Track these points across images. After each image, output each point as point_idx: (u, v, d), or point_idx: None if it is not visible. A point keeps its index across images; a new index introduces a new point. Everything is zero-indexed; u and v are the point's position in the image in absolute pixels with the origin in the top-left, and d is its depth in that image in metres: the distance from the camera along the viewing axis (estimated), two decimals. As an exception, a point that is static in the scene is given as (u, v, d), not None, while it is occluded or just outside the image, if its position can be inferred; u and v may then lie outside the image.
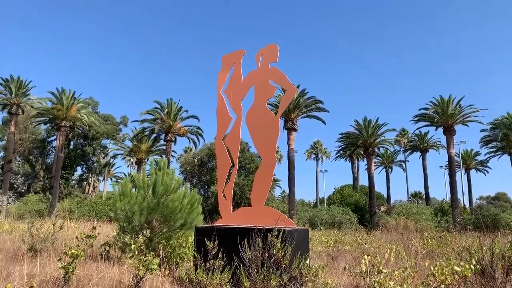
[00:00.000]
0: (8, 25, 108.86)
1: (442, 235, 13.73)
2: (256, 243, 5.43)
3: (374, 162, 47.20)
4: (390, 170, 63.98)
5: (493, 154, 49.54)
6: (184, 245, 7.76)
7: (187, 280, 5.45)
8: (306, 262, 5.47)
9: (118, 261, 8.05)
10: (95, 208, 33.30)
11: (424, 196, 56.76)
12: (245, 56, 8.09)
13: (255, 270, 5.21)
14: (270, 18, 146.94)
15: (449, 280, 5.04)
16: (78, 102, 40.26)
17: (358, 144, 41.10)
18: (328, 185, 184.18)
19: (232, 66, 8.15)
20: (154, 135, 43.28)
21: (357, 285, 6.36)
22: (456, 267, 5.12)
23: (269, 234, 5.44)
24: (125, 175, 62.15)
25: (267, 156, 7.05)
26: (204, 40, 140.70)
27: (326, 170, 69.52)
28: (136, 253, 6.64)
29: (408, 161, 62.46)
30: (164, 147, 43.63)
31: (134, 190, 8.97)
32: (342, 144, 46.29)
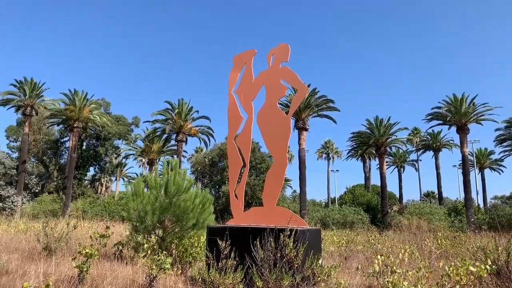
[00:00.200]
0: (13, 25, 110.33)
1: (456, 235, 13.55)
2: (268, 243, 5.43)
3: (386, 162, 46.81)
4: (402, 169, 63.41)
5: (508, 153, 48.80)
6: (196, 244, 7.79)
7: (200, 279, 5.47)
8: (319, 262, 5.45)
9: (131, 260, 8.11)
10: (108, 208, 33.65)
11: (437, 195, 56.08)
12: (255, 55, 8.10)
13: (268, 270, 5.21)
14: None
15: (464, 280, 4.97)
16: (91, 103, 40.68)
17: (370, 143, 40.77)
18: (339, 184, 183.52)
19: (243, 66, 8.15)
20: (165, 136, 43.51)
21: (370, 285, 6.32)
22: (471, 268, 5.05)
23: (281, 234, 5.43)
24: (137, 175, 62.69)
25: (279, 155, 7.04)
26: (211, 40, 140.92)
27: (337, 170, 68.87)
28: (149, 252, 6.69)
29: (420, 160, 61.90)
30: (175, 147, 43.86)
31: (146, 190, 9.03)
32: (354, 143, 45.97)
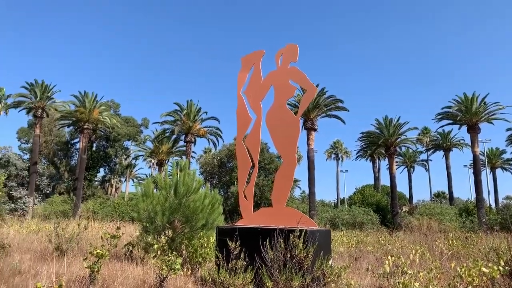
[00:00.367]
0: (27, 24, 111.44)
1: (467, 236, 13.40)
2: (278, 244, 5.42)
3: (396, 162, 46.48)
4: (412, 169, 62.99)
5: (520, 152, 48.10)
6: (205, 245, 7.81)
7: (210, 280, 5.48)
8: (329, 262, 5.43)
9: (141, 261, 8.16)
10: (118, 208, 33.89)
11: (447, 196, 55.57)
12: (264, 56, 8.10)
13: (277, 271, 5.20)
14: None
15: (476, 281, 4.92)
16: (100, 104, 41.05)
17: (379, 143, 40.56)
18: (348, 185, 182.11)
19: (251, 66, 8.16)
20: (174, 137, 43.71)
21: (380, 286, 6.27)
22: (483, 269, 5.00)
23: (291, 234, 5.42)
24: (146, 176, 63.01)
25: (288, 156, 7.03)
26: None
27: (346, 170, 68.51)
28: (158, 253, 6.72)
29: (431, 160, 61.44)
30: (184, 148, 44.06)
31: (156, 190, 9.08)
32: (363, 143, 45.77)
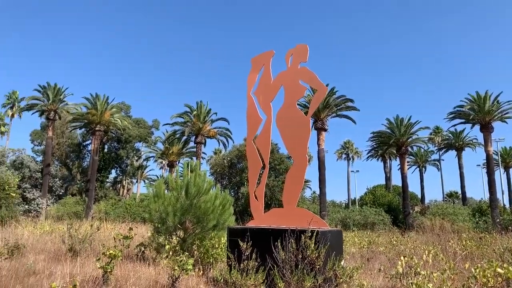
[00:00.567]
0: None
1: (481, 236, 13.21)
2: (289, 244, 5.41)
3: (407, 162, 46.06)
4: (424, 169, 62.32)
5: (534, 151, 47.28)
6: (217, 245, 7.83)
7: (222, 280, 5.50)
8: (341, 263, 5.40)
9: (153, 261, 8.21)
10: (129, 209, 34.14)
11: (460, 196, 54.86)
12: (273, 56, 8.10)
13: (289, 271, 5.19)
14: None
15: (491, 282, 4.85)
16: (112, 107, 41.41)
17: (390, 143, 40.21)
18: (359, 185, 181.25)
19: (261, 67, 8.16)
20: (185, 138, 43.92)
21: (393, 287, 6.21)
22: (498, 269, 4.93)
23: (302, 235, 5.41)
24: (157, 177, 63.41)
25: (299, 156, 7.01)
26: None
27: (357, 170, 68.26)
28: (170, 253, 6.75)
29: (443, 160, 60.70)
30: (194, 149, 44.27)
31: (167, 191, 9.14)
32: (374, 143, 45.42)
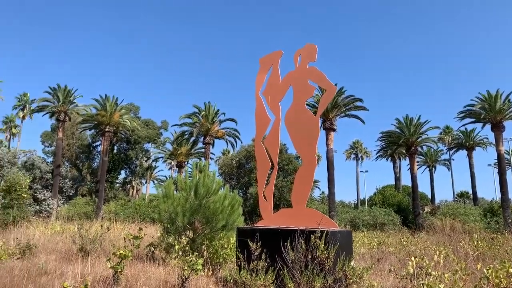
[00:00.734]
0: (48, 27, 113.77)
1: (493, 237, 13.05)
2: (299, 245, 5.40)
3: (417, 162, 45.69)
4: (434, 169, 61.77)
5: (547, 150, 46.57)
6: (226, 246, 7.84)
7: (232, 280, 5.50)
8: (351, 263, 5.37)
9: (163, 261, 8.24)
10: (139, 210, 34.32)
11: (471, 196, 54.25)
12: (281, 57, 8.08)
13: (299, 272, 5.18)
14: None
15: (504, 283, 4.79)
16: (121, 108, 41.73)
17: (400, 143, 39.92)
18: (369, 185, 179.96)
19: (269, 67, 8.15)
20: (193, 138, 44.11)
21: (403, 287, 6.17)
22: (511, 270, 4.86)
23: (312, 235, 5.39)
24: (166, 178, 63.69)
25: (308, 156, 6.98)
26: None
27: (366, 171, 67.89)
28: (180, 253, 6.78)
29: (453, 159, 60.08)
30: (203, 150, 44.43)
31: (176, 192, 9.17)
32: (383, 143, 45.16)
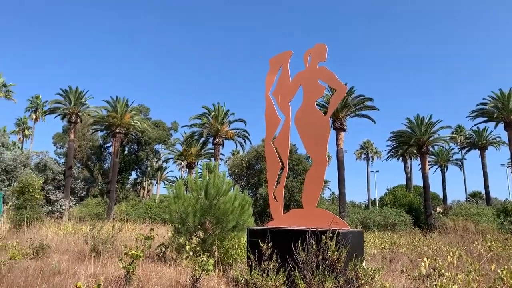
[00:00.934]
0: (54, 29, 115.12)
1: (507, 237, 12.86)
2: (310, 245, 5.38)
3: (428, 161, 45.25)
4: (445, 169, 61.14)
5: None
6: (236, 246, 7.85)
7: (243, 281, 5.50)
8: (362, 264, 5.34)
9: (174, 261, 8.28)
10: (149, 210, 34.57)
11: (484, 196, 53.55)
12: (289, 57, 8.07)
13: (310, 272, 5.16)
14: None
15: (519, 284, 4.71)
16: (131, 109, 42.06)
17: (411, 142, 39.60)
18: (379, 185, 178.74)
19: (279, 68, 8.14)
20: (203, 139, 44.29)
21: (416, 288, 6.11)
22: (527, 271, 4.79)
23: (323, 236, 5.37)
24: (176, 179, 64.05)
25: (318, 156, 6.95)
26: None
27: (377, 171, 67.74)
28: (191, 254, 6.80)
29: (465, 159, 59.39)
30: (212, 151, 44.62)
31: (187, 192, 9.21)
32: (394, 143, 44.84)
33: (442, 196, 58.87)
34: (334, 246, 5.20)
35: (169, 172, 72.11)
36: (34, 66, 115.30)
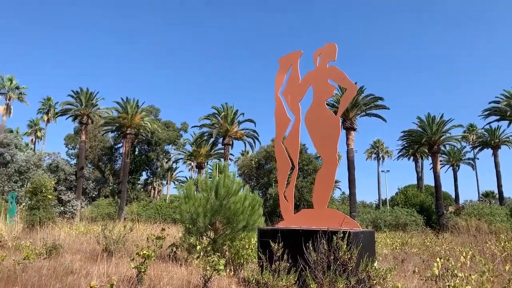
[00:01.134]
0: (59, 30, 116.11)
1: (521, 238, 12.66)
2: (321, 245, 5.36)
3: (440, 161, 44.78)
4: (457, 168, 60.46)
5: None
6: (247, 246, 7.85)
7: (254, 281, 5.50)
8: (374, 264, 5.30)
9: (185, 261, 8.32)
10: (160, 210, 34.77)
11: (497, 195, 52.80)
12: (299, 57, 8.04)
13: (321, 272, 5.14)
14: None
15: (534, 285, 4.64)
16: (142, 110, 42.36)
17: (422, 142, 39.20)
18: (390, 185, 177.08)
19: (289, 67, 8.12)
20: (212, 140, 44.44)
21: (428, 289, 6.04)
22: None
23: (334, 236, 5.34)
24: (186, 179, 64.46)
25: (328, 156, 6.92)
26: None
27: (388, 170, 67.04)
28: (202, 254, 6.83)
29: (477, 158, 58.65)
30: (222, 151, 44.74)
31: (197, 193, 9.24)
32: (405, 142, 44.45)
33: (454, 195, 58.28)
34: (345, 246, 5.18)
35: (179, 172, 72.65)
36: (34, 66, 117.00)
